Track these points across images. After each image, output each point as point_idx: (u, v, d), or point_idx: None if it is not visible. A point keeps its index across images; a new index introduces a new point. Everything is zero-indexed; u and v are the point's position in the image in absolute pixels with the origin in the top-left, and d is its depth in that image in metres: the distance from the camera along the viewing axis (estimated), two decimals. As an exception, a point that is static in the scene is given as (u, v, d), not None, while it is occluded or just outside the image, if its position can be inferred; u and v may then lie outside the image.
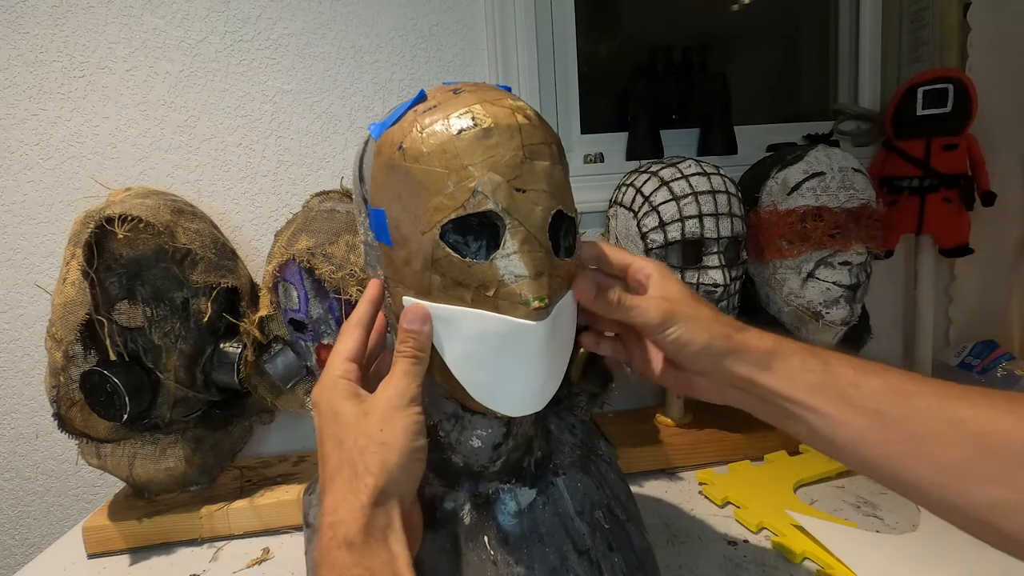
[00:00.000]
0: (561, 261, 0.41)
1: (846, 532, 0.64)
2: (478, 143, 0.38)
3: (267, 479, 0.81)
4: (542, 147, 0.40)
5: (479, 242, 0.42)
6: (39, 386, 0.88)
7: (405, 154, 0.39)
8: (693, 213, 0.74)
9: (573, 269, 0.43)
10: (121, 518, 0.72)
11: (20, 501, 0.92)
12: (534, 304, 0.37)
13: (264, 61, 0.87)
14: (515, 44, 0.91)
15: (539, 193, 0.39)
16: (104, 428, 0.70)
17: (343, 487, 0.36)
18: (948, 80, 0.91)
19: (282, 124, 0.89)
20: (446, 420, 0.45)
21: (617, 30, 1.12)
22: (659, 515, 0.71)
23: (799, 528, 0.65)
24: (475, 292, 0.38)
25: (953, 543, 0.60)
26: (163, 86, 0.85)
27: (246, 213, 0.89)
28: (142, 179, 0.86)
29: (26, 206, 0.85)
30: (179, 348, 0.71)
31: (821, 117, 1.10)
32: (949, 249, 0.96)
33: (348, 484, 0.36)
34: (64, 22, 0.83)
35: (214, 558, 0.70)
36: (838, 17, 1.11)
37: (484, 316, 0.38)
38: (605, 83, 1.08)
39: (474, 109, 0.38)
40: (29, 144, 0.84)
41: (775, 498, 0.71)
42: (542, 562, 0.44)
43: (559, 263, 0.41)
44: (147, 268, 0.71)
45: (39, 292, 0.86)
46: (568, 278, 0.42)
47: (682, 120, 1.08)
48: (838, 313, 0.78)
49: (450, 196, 0.37)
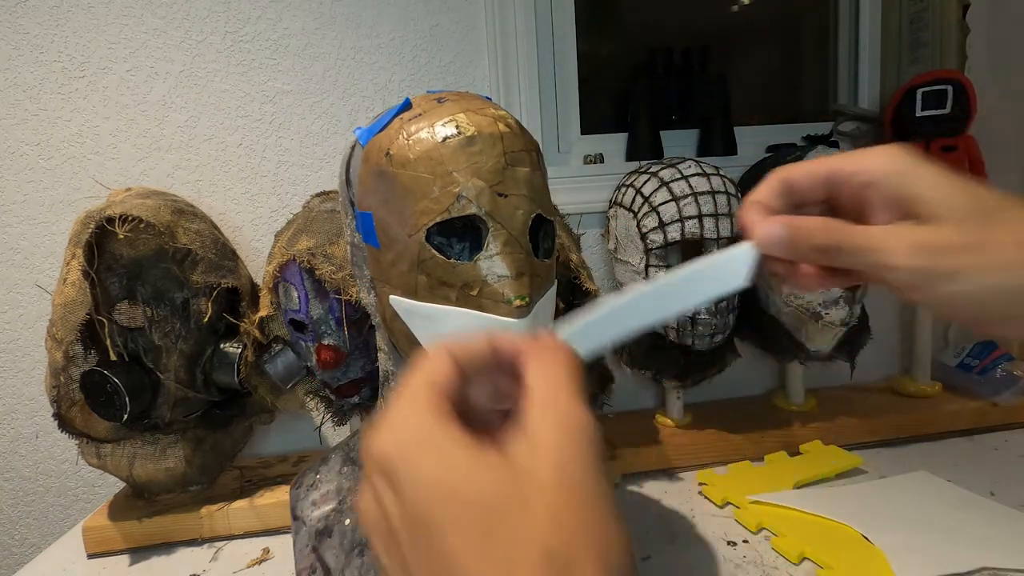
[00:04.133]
0: (540, 262, 0.43)
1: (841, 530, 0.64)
2: (462, 150, 0.40)
3: (267, 479, 0.81)
4: (523, 154, 0.42)
5: (463, 244, 0.44)
6: (39, 386, 0.88)
7: (392, 160, 0.41)
8: (693, 214, 0.74)
9: (552, 269, 0.45)
10: (121, 518, 0.72)
11: (20, 501, 0.92)
12: (516, 303, 0.39)
13: (264, 61, 0.87)
14: (515, 45, 0.91)
15: (520, 198, 0.41)
16: (104, 428, 0.70)
17: None
18: (947, 81, 0.91)
19: (282, 124, 0.89)
20: None
21: (617, 31, 1.12)
22: (659, 515, 0.71)
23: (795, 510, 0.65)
24: (459, 291, 0.40)
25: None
26: (163, 86, 0.86)
27: (246, 213, 0.89)
28: (142, 179, 0.86)
29: (26, 206, 0.86)
30: (179, 348, 0.71)
31: (821, 118, 1.10)
32: (948, 250, 0.96)
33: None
34: (64, 22, 0.83)
35: (214, 558, 0.70)
36: (838, 18, 1.11)
37: (468, 314, 0.40)
38: (605, 84, 1.08)
39: (458, 118, 0.40)
40: (29, 144, 0.84)
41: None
42: None
43: (539, 264, 0.43)
44: (147, 268, 0.71)
45: (39, 292, 0.86)
46: (547, 278, 0.44)
47: (682, 121, 1.08)
48: (837, 314, 0.78)
49: (435, 200, 0.40)
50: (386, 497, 0.21)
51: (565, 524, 0.19)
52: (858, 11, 1.07)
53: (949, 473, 0.75)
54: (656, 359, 0.85)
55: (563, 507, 0.19)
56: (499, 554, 0.18)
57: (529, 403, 0.22)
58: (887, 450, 0.84)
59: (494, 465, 0.20)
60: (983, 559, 0.58)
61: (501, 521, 0.19)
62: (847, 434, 0.85)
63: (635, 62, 1.14)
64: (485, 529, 0.19)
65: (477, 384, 0.24)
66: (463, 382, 0.24)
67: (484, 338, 0.25)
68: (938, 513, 0.67)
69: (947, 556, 0.59)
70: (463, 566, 0.19)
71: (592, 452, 0.21)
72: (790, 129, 1.05)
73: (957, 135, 0.93)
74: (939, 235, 0.26)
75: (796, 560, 0.61)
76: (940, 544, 0.61)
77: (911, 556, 0.59)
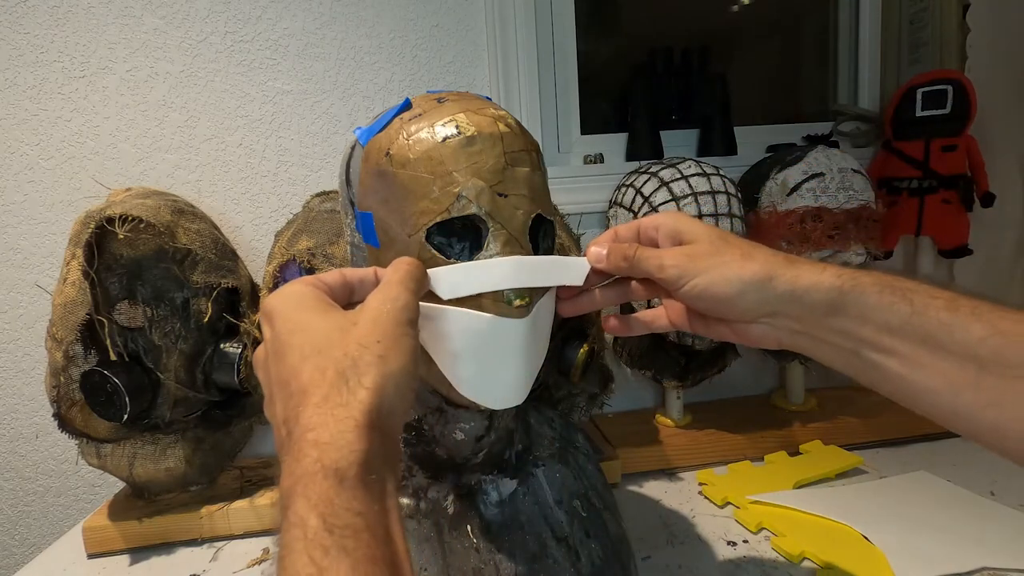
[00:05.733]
0: None
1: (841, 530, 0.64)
2: (462, 150, 0.40)
3: (267, 479, 0.81)
4: (523, 154, 0.42)
5: (463, 244, 0.44)
6: (39, 386, 0.88)
7: (392, 160, 0.41)
8: (693, 214, 0.74)
9: None
10: (121, 518, 0.72)
11: (20, 501, 0.92)
12: (516, 303, 0.39)
13: (264, 62, 0.87)
14: (515, 45, 0.91)
15: (520, 198, 0.41)
16: (104, 428, 0.70)
17: (326, 401, 0.28)
18: (947, 81, 0.91)
19: (282, 124, 0.89)
20: (430, 414, 0.47)
21: (617, 31, 1.12)
22: (659, 515, 0.71)
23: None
24: None
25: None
26: (163, 86, 0.86)
27: (246, 213, 0.89)
28: (142, 179, 0.86)
29: (26, 206, 0.86)
30: (179, 348, 0.71)
31: (821, 118, 1.10)
32: (948, 250, 0.96)
33: (335, 398, 0.28)
34: (64, 22, 0.83)
35: (214, 558, 0.70)
36: (838, 18, 1.12)
37: (468, 314, 0.39)
38: (605, 84, 1.08)
39: (458, 118, 0.40)
40: (29, 144, 0.84)
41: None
42: (523, 549, 0.46)
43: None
44: (147, 268, 0.71)
45: (39, 292, 0.86)
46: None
47: (682, 121, 1.08)
48: (837, 314, 0.78)
49: (435, 200, 0.40)
50: (266, 333, 0.33)
51: (360, 341, 0.30)
52: (858, 11, 1.07)
53: (949, 473, 0.75)
54: (656, 359, 0.85)
55: (364, 334, 0.30)
56: (319, 362, 0.29)
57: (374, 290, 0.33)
58: (887, 450, 0.84)
59: (336, 316, 0.32)
60: (983, 559, 0.58)
61: (327, 343, 0.30)
62: (847, 434, 0.85)
63: (635, 62, 1.14)
64: (313, 349, 0.30)
65: (363, 293, 0.35)
66: (347, 290, 0.35)
67: (372, 270, 0.37)
68: (938, 513, 0.67)
69: (947, 556, 0.59)
70: (299, 370, 0.29)
71: (397, 307, 0.32)
72: (790, 129, 1.05)
73: (957, 135, 0.93)
74: (693, 249, 0.41)
75: (796, 560, 0.61)
76: (940, 544, 0.61)
77: (911, 556, 0.59)
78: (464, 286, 0.39)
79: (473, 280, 0.39)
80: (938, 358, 0.34)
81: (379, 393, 0.28)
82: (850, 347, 0.37)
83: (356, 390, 0.28)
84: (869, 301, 0.36)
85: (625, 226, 0.45)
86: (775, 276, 0.38)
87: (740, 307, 0.39)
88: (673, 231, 0.42)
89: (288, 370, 0.30)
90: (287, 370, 0.30)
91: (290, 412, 0.29)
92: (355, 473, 0.26)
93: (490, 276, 0.39)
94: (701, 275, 0.39)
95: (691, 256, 0.40)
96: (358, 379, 0.28)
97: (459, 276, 0.39)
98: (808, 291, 0.37)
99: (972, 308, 0.34)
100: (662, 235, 0.43)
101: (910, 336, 0.35)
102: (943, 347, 0.34)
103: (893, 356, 0.36)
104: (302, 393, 0.28)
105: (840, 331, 0.37)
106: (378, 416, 0.28)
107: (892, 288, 0.36)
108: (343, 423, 0.27)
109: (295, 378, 0.29)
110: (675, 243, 0.42)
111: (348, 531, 0.24)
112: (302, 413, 0.28)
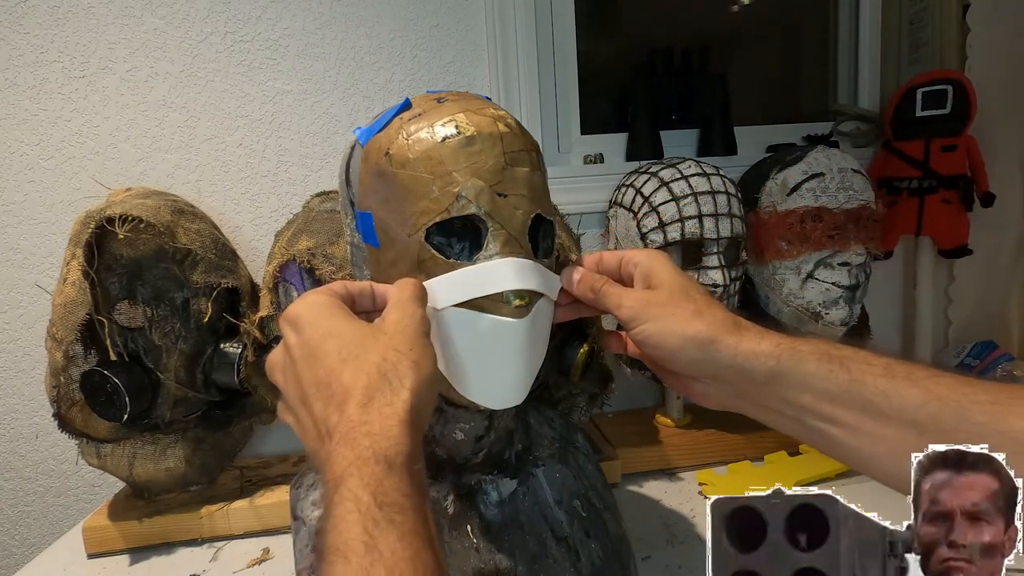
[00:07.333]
0: (540, 262, 0.43)
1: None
2: (462, 150, 0.40)
3: (267, 479, 0.81)
4: (522, 154, 0.42)
5: (462, 244, 0.44)
6: (39, 386, 0.88)
7: (392, 160, 0.41)
8: (693, 214, 0.74)
9: (551, 269, 0.45)
10: (121, 518, 0.72)
11: (20, 501, 0.92)
12: (515, 303, 0.39)
13: (264, 62, 0.87)
14: (515, 45, 0.91)
15: (519, 198, 0.41)
16: (104, 428, 0.70)
17: (372, 400, 0.31)
18: (947, 81, 0.91)
19: (282, 124, 0.89)
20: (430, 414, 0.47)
21: (617, 31, 1.12)
22: (659, 515, 0.71)
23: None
24: None
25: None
26: (163, 86, 0.86)
27: (246, 213, 0.89)
28: (142, 179, 0.86)
29: (26, 206, 0.86)
30: (179, 348, 0.71)
31: (821, 118, 1.10)
32: (948, 250, 0.96)
33: (380, 397, 0.31)
34: (64, 22, 0.83)
35: (214, 558, 0.70)
36: (838, 18, 1.12)
37: (468, 314, 0.40)
38: (605, 84, 1.08)
39: (457, 118, 0.40)
40: (29, 144, 0.84)
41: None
42: (523, 549, 0.46)
43: (538, 264, 0.43)
44: (147, 268, 0.71)
45: (39, 292, 0.86)
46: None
47: (682, 121, 1.08)
48: (837, 314, 0.78)
49: (435, 200, 0.40)
50: (290, 338, 0.35)
51: (396, 348, 0.33)
52: (858, 11, 1.07)
53: (949, 473, 0.75)
54: (656, 359, 0.85)
55: (397, 342, 0.33)
56: (357, 366, 0.32)
57: (387, 305, 0.36)
58: (887, 450, 0.84)
59: (361, 324, 0.35)
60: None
61: (360, 348, 0.33)
62: (847, 434, 0.85)
63: (635, 62, 1.14)
64: (349, 354, 0.33)
65: (361, 304, 0.39)
66: (350, 300, 0.38)
67: (368, 284, 0.40)
68: (938, 513, 0.67)
69: (947, 556, 0.59)
70: (337, 373, 0.32)
71: (416, 321, 0.35)
72: (790, 129, 1.05)
73: (957, 135, 0.93)
74: (652, 296, 0.42)
75: (796, 560, 0.61)
76: (940, 544, 0.61)
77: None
78: (452, 295, 0.40)
79: (458, 288, 0.40)
80: (879, 425, 0.34)
81: (417, 394, 0.32)
82: (792, 415, 0.38)
83: (399, 391, 0.31)
84: (807, 369, 0.37)
85: (612, 254, 0.46)
86: (717, 341, 0.39)
87: (681, 361, 0.40)
88: (646, 272, 0.44)
89: (326, 371, 0.33)
90: (325, 371, 0.33)
91: (332, 410, 0.32)
92: (401, 462, 0.29)
93: (479, 279, 0.40)
94: (650, 322, 0.40)
95: (647, 302, 0.41)
96: (400, 381, 0.32)
97: (445, 288, 0.40)
98: (747, 359, 0.38)
99: (907, 373, 0.34)
100: (637, 273, 0.44)
101: (849, 404, 0.35)
102: (883, 414, 0.34)
103: (835, 424, 0.36)
104: (345, 392, 0.32)
105: (781, 399, 0.38)
106: (416, 415, 0.32)
107: (830, 356, 0.36)
108: (389, 419, 0.30)
109: (336, 379, 0.32)
110: (645, 285, 0.44)
111: (395, 508, 0.28)
112: (348, 410, 0.31)
